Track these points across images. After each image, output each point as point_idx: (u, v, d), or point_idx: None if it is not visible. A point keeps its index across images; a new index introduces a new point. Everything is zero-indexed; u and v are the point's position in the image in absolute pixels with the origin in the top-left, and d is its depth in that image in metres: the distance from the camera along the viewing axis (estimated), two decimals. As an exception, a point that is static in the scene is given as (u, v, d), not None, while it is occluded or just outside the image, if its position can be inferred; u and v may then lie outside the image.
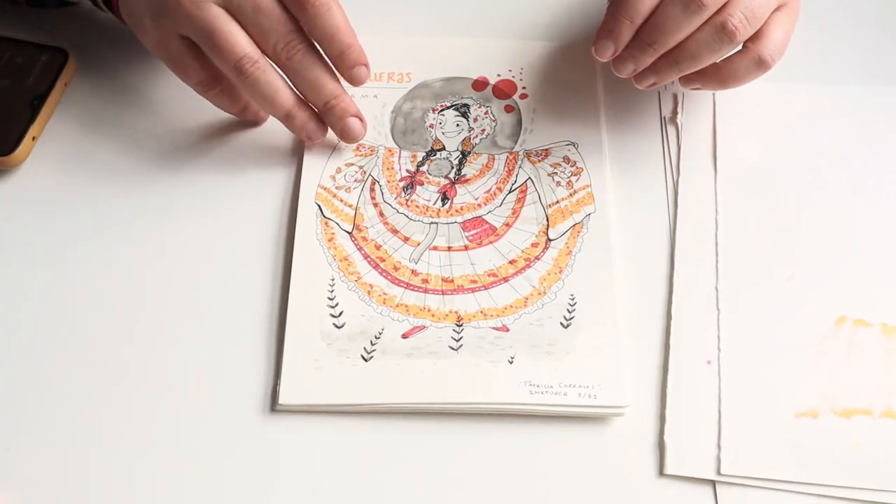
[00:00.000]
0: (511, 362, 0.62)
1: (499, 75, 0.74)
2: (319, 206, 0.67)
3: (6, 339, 0.63)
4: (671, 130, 0.71)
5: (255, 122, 0.71)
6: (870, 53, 0.76)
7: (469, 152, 0.70)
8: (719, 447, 0.60)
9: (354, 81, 0.67)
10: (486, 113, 0.72)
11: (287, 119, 0.67)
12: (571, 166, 0.69)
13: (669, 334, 0.64)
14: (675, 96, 0.72)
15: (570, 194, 0.68)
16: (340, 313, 0.64)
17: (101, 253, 0.66)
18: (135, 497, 0.59)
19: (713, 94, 0.72)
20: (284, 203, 0.68)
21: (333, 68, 0.66)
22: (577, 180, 0.68)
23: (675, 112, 0.72)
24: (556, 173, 0.69)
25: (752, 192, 0.69)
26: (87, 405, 0.61)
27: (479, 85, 0.73)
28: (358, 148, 0.70)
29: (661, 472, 0.60)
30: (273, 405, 0.61)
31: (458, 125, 0.71)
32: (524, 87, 0.73)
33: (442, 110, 0.72)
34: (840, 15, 0.78)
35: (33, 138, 0.69)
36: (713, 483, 0.60)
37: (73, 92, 0.72)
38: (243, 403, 0.61)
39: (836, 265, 0.66)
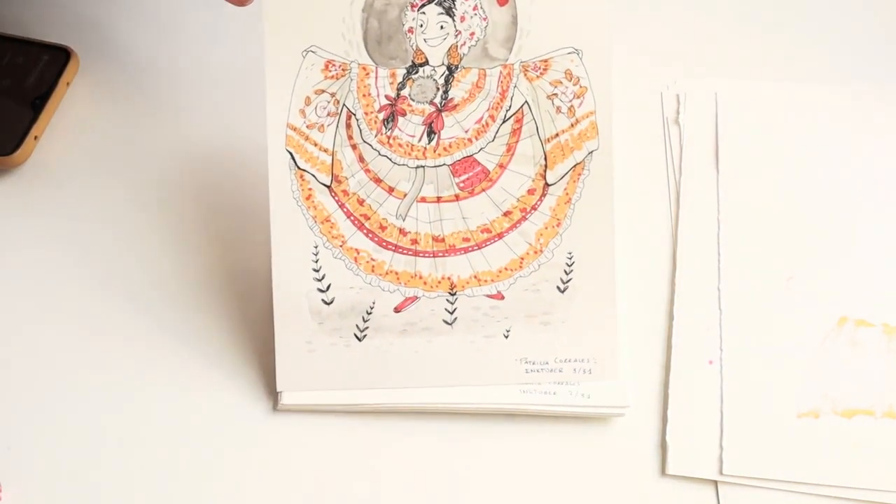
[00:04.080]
0: (506, 336, 0.61)
1: None
2: (291, 155, 0.60)
3: (6, 339, 0.63)
4: (673, 131, 0.71)
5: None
6: (870, 53, 0.76)
7: (457, 67, 0.60)
8: (721, 447, 0.60)
9: None
10: (475, 8, 0.60)
11: None
12: (574, 84, 0.60)
13: (671, 334, 0.64)
14: (677, 97, 0.72)
15: (572, 125, 0.60)
16: (328, 287, 0.61)
17: (103, 252, 0.66)
18: (136, 496, 0.59)
19: (715, 94, 0.72)
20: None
21: None
22: (580, 105, 0.60)
23: (677, 112, 0.72)
24: (556, 95, 0.60)
25: (753, 193, 0.69)
26: (88, 404, 0.61)
27: None
28: (327, 66, 0.60)
29: (663, 471, 0.60)
30: (271, 393, 0.61)
31: (442, 27, 0.60)
32: None
33: (422, 6, 0.60)
34: (840, 15, 0.78)
35: (35, 138, 0.69)
36: (715, 483, 0.60)
37: (76, 91, 0.72)
38: (243, 398, 0.62)
39: (837, 265, 0.66)
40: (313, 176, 0.60)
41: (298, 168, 0.60)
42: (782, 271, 0.66)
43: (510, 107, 0.61)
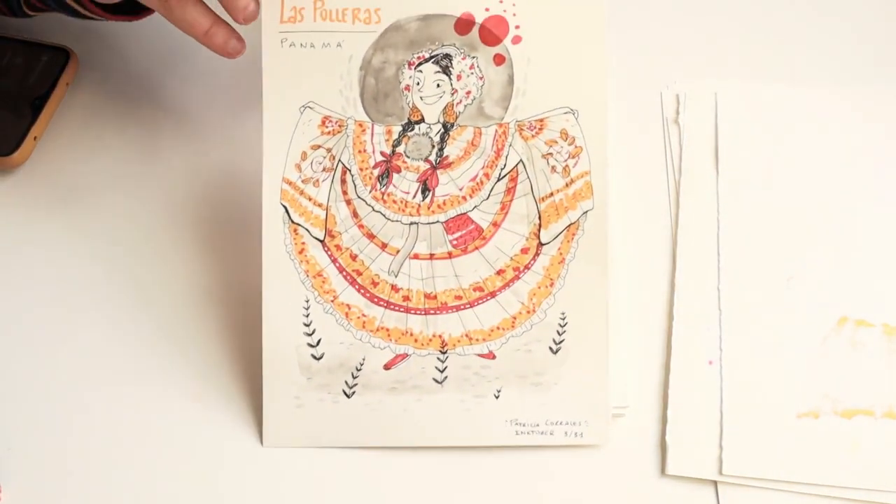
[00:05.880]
0: (497, 397, 0.60)
1: (487, 10, 0.60)
2: (286, 209, 0.60)
3: (7, 339, 0.63)
4: (673, 131, 0.71)
5: (220, 52, 0.63)
6: (870, 53, 0.76)
7: (452, 125, 0.60)
8: (721, 447, 0.60)
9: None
10: (472, 67, 0.60)
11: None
12: (570, 144, 0.60)
13: (671, 335, 0.64)
14: (677, 97, 0.72)
15: (567, 184, 0.60)
16: (318, 342, 0.60)
17: (103, 253, 0.66)
18: (136, 496, 0.59)
19: (715, 94, 0.72)
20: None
21: None
22: (576, 165, 0.60)
23: (677, 112, 0.72)
24: (551, 154, 0.60)
25: (753, 193, 0.69)
26: (87, 405, 0.61)
27: (464, 25, 0.60)
28: (324, 122, 0.60)
29: (663, 472, 0.60)
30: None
31: (438, 85, 0.60)
32: (517, 27, 0.60)
33: (419, 64, 0.60)
34: (840, 15, 0.78)
35: (35, 138, 0.69)
36: (715, 483, 0.60)
37: (75, 92, 0.72)
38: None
39: (837, 265, 0.66)
40: (307, 230, 0.60)
41: (292, 222, 0.60)
42: (782, 271, 0.66)
43: (505, 165, 0.60)
